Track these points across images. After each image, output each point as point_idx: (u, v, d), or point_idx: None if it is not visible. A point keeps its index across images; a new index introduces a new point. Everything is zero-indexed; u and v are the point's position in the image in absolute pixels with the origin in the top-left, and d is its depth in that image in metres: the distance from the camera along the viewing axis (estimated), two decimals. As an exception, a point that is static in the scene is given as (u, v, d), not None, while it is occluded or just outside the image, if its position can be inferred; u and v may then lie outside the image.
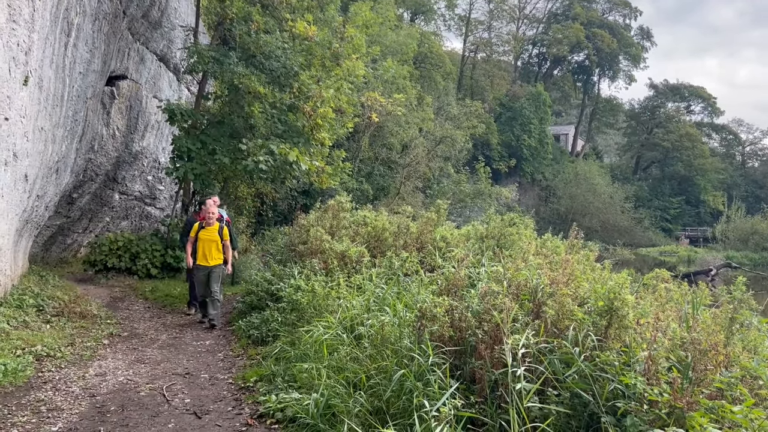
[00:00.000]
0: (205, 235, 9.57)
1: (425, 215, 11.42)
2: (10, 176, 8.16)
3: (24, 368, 6.49)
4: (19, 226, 9.76)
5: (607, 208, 51.98)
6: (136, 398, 6.00)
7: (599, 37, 60.03)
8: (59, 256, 15.15)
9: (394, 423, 4.21)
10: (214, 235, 9.57)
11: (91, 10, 10.49)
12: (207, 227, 9.57)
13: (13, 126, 7.77)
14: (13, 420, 5.19)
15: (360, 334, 6.12)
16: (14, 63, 7.48)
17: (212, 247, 9.55)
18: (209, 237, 9.57)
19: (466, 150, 34.36)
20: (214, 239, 9.57)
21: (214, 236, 9.57)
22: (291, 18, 14.60)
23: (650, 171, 67.18)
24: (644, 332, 4.44)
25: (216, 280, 9.44)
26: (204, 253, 9.53)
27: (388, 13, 30.37)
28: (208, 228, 9.58)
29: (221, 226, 9.68)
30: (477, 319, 4.88)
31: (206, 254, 9.52)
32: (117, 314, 10.15)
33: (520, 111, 53.18)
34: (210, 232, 9.57)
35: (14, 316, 8.35)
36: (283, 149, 12.94)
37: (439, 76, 42.18)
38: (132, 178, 15.91)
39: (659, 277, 6.45)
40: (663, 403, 3.68)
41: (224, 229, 9.69)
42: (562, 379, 4.18)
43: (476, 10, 60.43)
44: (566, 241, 9.19)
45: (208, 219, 9.59)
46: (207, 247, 9.54)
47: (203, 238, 9.55)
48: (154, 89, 15.63)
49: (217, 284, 9.48)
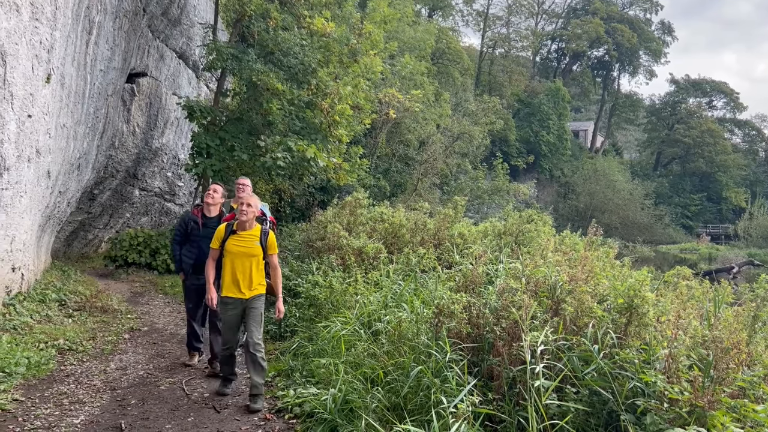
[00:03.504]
0: (238, 244, 5.78)
1: (442, 212, 11.39)
2: (33, 172, 8.29)
3: (47, 361, 6.61)
4: (41, 221, 9.91)
5: (626, 204, 51.41)
6: (156, 392, 6.08)
7: (619, 32, 59.36)
8: (81, 251, 15.37)
9: (411, 419, 4.22)
10: (252, 246, 5.80)
11: (111, 8, 10.61)
12: (240, 231, 5.84)
13: (36, 123, 7.89)
14: (36, 412, 5.28)
15: (377, 330, 6.13)
16: (37, 61, 7.59)
17: (250, 267, 5.80)
18: (245, 249, 5.77)
19: (484, 146, 34.17)
20: (253, 253, 5.79)
21: (254, 248, 5.80)
22: (309, 15, 14.62)
23: (671, 167, 66.32)
24: (665, 330, 4.39)
25: (257, 321, 5.77)
26: (235, 276, 5.75)
27: (406, 9, 30.29)
28: (243, 234, 5.82)
29: (264, 230, 5.94)
30: (495, 315, 4.87)
31: (239, 279, 5.75)
32: (137, 309, 10.26)
33: (539, 107, 52.80)
34: (245, 241, 5.79)
35: (37, 311, 8.49)
36: (301, 146, 12.98)
37: (457, 72, 41.98)
38: (152, 175, 16.07)
39: (680, 275, 6.37)
40: (684, 402, 3.64)
41: (269, 235, 5.96)
42: (581, 376, 4.15)
43: (494, 5, 60.48)
44: (585, 238, 9.12)
45: (242, 214, 5.78)
46: (241, 267, 5.77)
47: (234, 251, 5.77)
48: (173, 86, 15.76)
49: (259, 329, 5.80)
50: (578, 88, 67.99)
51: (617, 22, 60.55)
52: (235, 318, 5.85)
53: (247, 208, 5.80)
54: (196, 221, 6.94)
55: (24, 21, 7.06)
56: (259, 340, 5.72)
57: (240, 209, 5.81)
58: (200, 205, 7.14)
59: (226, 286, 5.82)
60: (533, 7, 63.73)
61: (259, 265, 5.88)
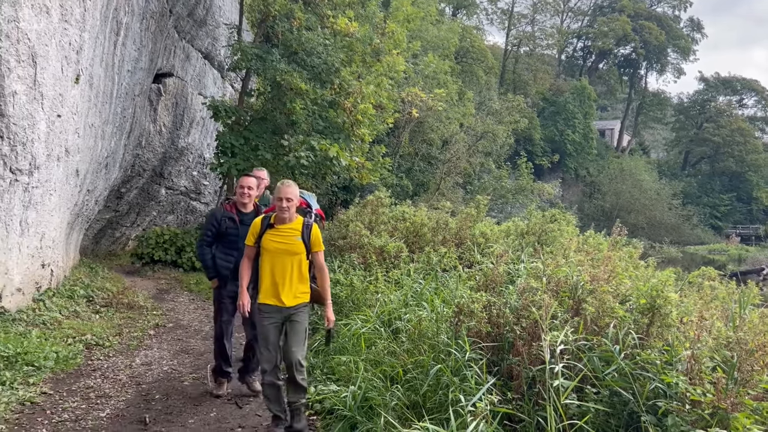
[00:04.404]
0: (276, 241, 4.85)
1: (464, 211, 11.38)
2: (63, 171, 8.48)
3: (75, 356, 6.75)
4: (70, 219, 10.12)
5: (653, 204, 50.64)
6: (180, 387, 6.18)
7: (647, 29, 58.48)
8: (108, 248, 15.64)
9: (429, 417, 4.23)
10: (293, 242, 4.85)
11: (139, 9, 10.78)
12: (278, 225, 4.88)
13: (65, 123, 8.07)
14: (64, 405, 5.41)
15: (397, 328, 6.16)
16: (66, 62, 7.76)
17: (291, 268, 4.84)
18: (284, 245, 4.84)
19: (508, 145, 33.96)
20: (293, 250, 4.84)
21: (294, 244, 4.85)
22: (332, 14, 14.69)
23: (699, 167, 65.16)
24: (688, 331, 4.34)
25: (300, 339, 4.84)
26: (274, 279, 4.83)
27: (430, 8, 30.26)
28: (281, 228, 4.87)
29: (307, 223, 4.95)
30: (515, 315, 4.86)
31: (278, 282, 4.81)
32: (162, 306, 10.42)
33: (564, 106, 52.29)
34: (284, 236, 4.85)
35: (66, 306, 8.68)
36: (324, 145, 13.05)
37: (481, 70, 41.81)
38: (178, 174, 16.29)
39: (705, 275, 6.28)
40: (706, 404, 3.59)
41: (313, 229, 4.96)
42: (602, 377, 4.13)
43: (519, 3, 59.80)
44: (609, 238, 9.03)
45: (282, 212, 4.81)
46: (280, 268, 4.83)
47: (271, 248, 4.84)
48: (199, 86, 15.95)
49: (303, 347, 4.87)
50: (604, 87, 67.17)
51: (645, 20, 59.65)
52: (274, 330, 4.84)
53: (287, 203, 4.79)
54: (232, 218, 5.90)
55: (54, 23, 7.23)
56: (302, 360, 4.80)
57: (278, 206, 4.81)
58: (231, 200, 6.09)
59: (263, 291, 4.86)
60: (559, 5, 63.05)
61: (301, 265, 4.89)
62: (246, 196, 5.93)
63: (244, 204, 5.97)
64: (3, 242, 7.15)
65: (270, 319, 4.84)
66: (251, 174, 6.21)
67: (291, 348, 4.79)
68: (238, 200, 5.96)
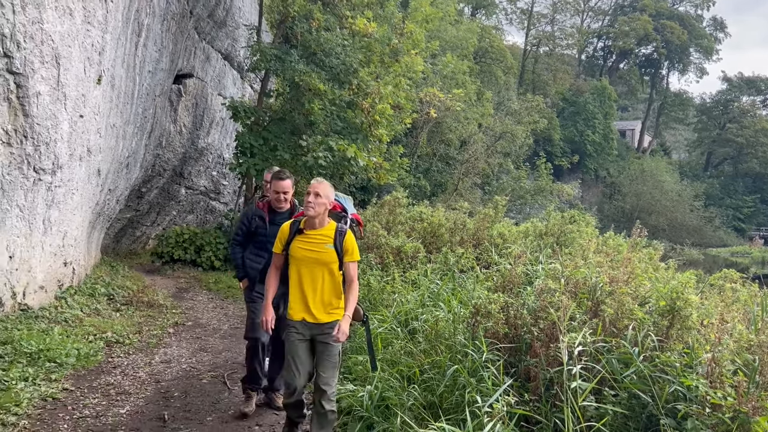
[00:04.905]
0: (304, 247, 4.35)
1: (482, 212, 11.34)
2: (85, 171, 8.60)
3: (95, 353, 6.84)
4: (92, 218, 10.27)
5: (675, 206, 50.00)
6: (199, 385, 6.23)
7: (669, 28, 57.78)
8: (129, 247, 15.83)
9: (446, 418, 4.22)
10: (323, 250, 4.32)
11: (160, 10, 10.91)
12: (308, 230, 4.38)
13: (87, 123, 8.18)
14: (85, 401, 5.49)
15: (414, 328, 6.16)
16: (89, 63, 7.87)
17: (322, 279, 4.34)
18: (315, 254, 4.33)
19: (527, 146, 33.79)
20: (324, 259, 4.32)
21: (325, 252, 4.32)
22: (351, 15, 14.73)
23: (722, 168, 64.19)
24: (708, 333, 4.29)
25: (332, 362, 4.34)
26: (303, 291, 4.35)
27: (449, 8, 30.22)
28: (311, 233, 4.36)
29: (340, 229, 4.39)
30: (533, 316, 4.83)
31: (308, 295, 4.33)
32: (182, 304, 10.52)
33: (584, 106, 51.87)
34: (314, 243, 4.34)
35: (87, 304, 8.80)
36: (342, 145, 13.09)
37: (500, 70, 41.64)
38: (197, 174, 16.44)
39: (726, 278, 6.19)
40: (727, 407, 3.55)
41: (347, 235, 4.39)
42: (620, 379, 4.09)
43: (539, 3, 59.54)
44: (629, 240, 8.94)
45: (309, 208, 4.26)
46: (310, 278, 4.35)
47: (299, 256, 4.35)
48: (218, 87, 16.09)
49: (334, 372, 4.39)
50: (625, 87, 66.48)
51: (667, 19, 58.95)
52: (303, 347, 4.34)
53: (315, 198, 4.24)
54: (263, 217, 5.54)
55: (77, 24, 7.34)
56: (332, 387, 4.30)
57: (306, 201, 4.28)
58: (267, 198, 5.71)
59: (291, 304, 4.38)
60: (579, 4, 62.58)
61: (334, 276, 4.34)
62: (283, 201, 5.51)
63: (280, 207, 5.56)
64: (26, 240, 7.28)
65: (297, 334, 4.34)
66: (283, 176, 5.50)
67: (320, 373, 4.28)
68: (273, 203, 5.54)
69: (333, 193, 4.46)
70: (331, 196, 4.42)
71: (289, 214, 5.44)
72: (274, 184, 5.53)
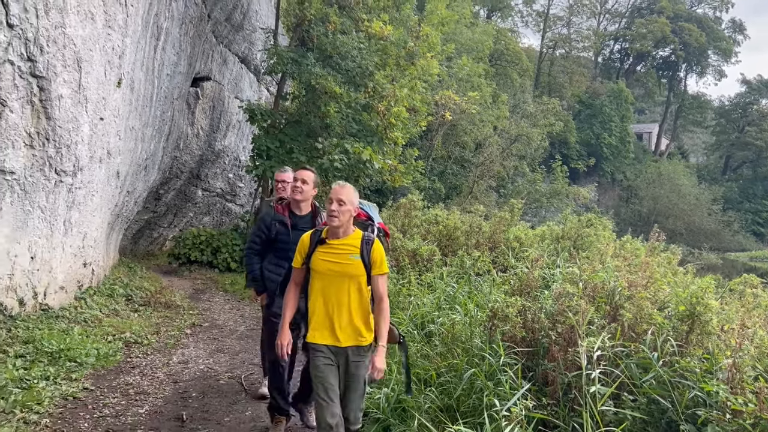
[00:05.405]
0: (327, 259, 3.86)
1: (498, 215, 11.31)
2: (104, 173, 8.71)
3: (114, 353, 6.92)
4: (111, 219, 10.38)
5: (692, 210, 49.47)
6: (216, 386, 6.28)
7: (687, 31, 57.20)
8: (146, 249, 15.98)
9: (463, 421, 4.22)
10: (348, 262, 3.84)
11: (178, 14, 11.02)
12: (331, 240, 3.89)
13: (107, 125, 8.29)
14: (105, 401, 5.56)
15: (430, 331, 6.16)
16: (109, 66, 7.97)
17: (348, 295, 3.83)
18: (340, 266, 3.84)
19: (543, 148, 33.63)
20: (349, 272, 3.83)
21: (351, 264, 3.83)
22: (367, 18, 14.77)
23: (741, 171, 63.37)
24: (728, 339, 4.25)
25: (360, 391, 3.93)
26: (327, 310, 3.83)
27: (464, 11, 30.18)
28: (334, 243, 3.89)
29: (367, 238, 3.91)
30: (551, 320, 4.82)
31: (332, 314, 3.82)
32: (199, 305, 10.60)
33: (600, 108, 51.50)
34: (338, 254, 3.85)
35: (106, 305, 8.90)
36: (357, 148, 13.12)
37: (516, 73, 41.47)
38: (214, 176, 16.56)
39: (747, 283, 6.13)
40: (748, 414, 3.52)
41: (374, 245, 3.89)
42: (639, 384, 4.07)
43: (555, 5, 59.40)
44: (646, 244, 8.88)
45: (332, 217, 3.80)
46: (335, 295, 3.83)
47: (322, 269, 3.86)
48: (235, 90, 16.21)
49: (361, 402, 3.99)
50: (642, 89, 65.92)
51: (684, 21, 58.35)
52: (332, 371, 3.79)
53: (339, 206, 3.77)
54: (284, 222, 4.98)
55: (98, 29, 7.44)
56: (358, 417, 3.94)
57: (328, 210, 3.80)
58: (285, 200, 5.15)
59: (314, 325, 3.84)
60: (595, 6, 62.21)
61: (362, 293, 3.82)
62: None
63: (297, 203, 5.00)
64: (48, 241, 7.38)
65: (324, 359, 3.79)
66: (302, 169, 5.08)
67: (347, 403, 3.86)
68: (292, 199, 5.04)
69: (357, 197, 3.97)
70: (356, 201, 3.94)
71: (312, 218, 5.04)
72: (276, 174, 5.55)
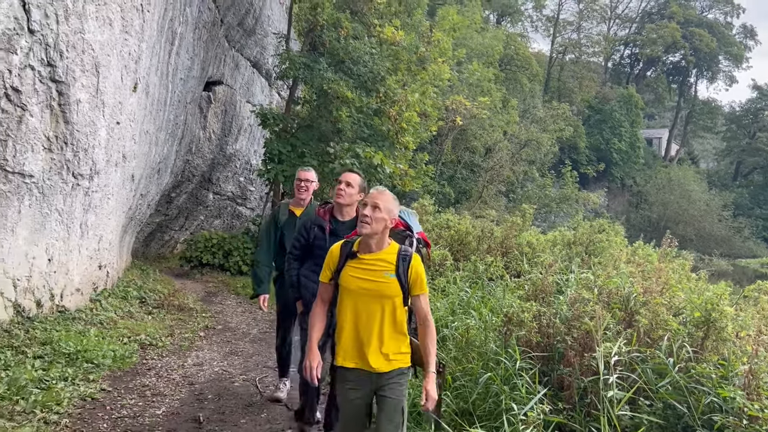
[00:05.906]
0: (358, 276, 3.33)
1: (509, 220, 11.33)
2: (119, 176, 8.80)
3: (130, 355, 6.98)
4: (125, 222, 10.48)
5: (703, 216, 49.20)
6: (231, 388, 6.33)
7: (697, 36, 56.99)
8: (158, 251, 16.09)
9: (480, 425, 4.24)
10: (385, 282, 3.30)
11: (192, 19, 11.13)
12: (363, 253, 3.38)
13: (123, 129, 8.38)
14: (122, 402, 5.62)
15: (444, 336, 6.18)
16: (126, 71, 8.06)
17: (381, 317, 3.30)
18: (373, 285, 3.30)
19: (552, 153, 33.63)
20: (384, 292, 3.29)
21: (385, 283, 3.29)
22: (379, 23, 14.85)
23: (752, 177, 62.96)
24: (744, 345, 4.27)
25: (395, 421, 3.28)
26: (358, 333, 3.32)
27: (474, 16, 30.26)
28: (366, 258, 3.36)
29: (404, 253, 3.36)
30: (566, 325, 4.84)
31: (362, 337, 3.31)
32: (211, 308, 10.66)
33: (610, 114, 51.38)
34: (370, 271, 3.33)
35: (120, 307, 8.97)
36: (368, 153, 13.18)
37: (525, 78, 41.47)
38: (225, 179, 16.66)
39: (761, 289, 6.12)
40: (764, 420, 3.53)
41: (413, 261, 3.35)
42: (655, 389, 4.09)
43: (565, 10, 59.17)
44: (658, 250, 8.87)
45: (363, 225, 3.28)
46: (367, 317, 3.31)
47: (352, 287, 3.33)
48: (247, 94, 16.32)
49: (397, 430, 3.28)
50: (652, 95, 65.66)
51: (695, 26, 58.14)
52: (360, 410, 3.38)
53: (373, 212, 3.30)
54: (323, 227, 4.61)
55: (115, 34, 7.53)
56: None
57: (360, 215, 3.35)
58: (329, 203, 4.78)
59: (343, 348, 3.37)
60: (606, 12, 62.11)
61: (396, 313, 3.32)
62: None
63: (340, 208, 4.60)
64: (65, 244, 7.47)
65: (355, 392, 3.35)
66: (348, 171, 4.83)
67: (381, 426, 3.28)
68: (335, 203, 4.65)
69: (397, 206, 3.45)
70: (395, 211, 3.41)
71: (353, 225, 4.20)
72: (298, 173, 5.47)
